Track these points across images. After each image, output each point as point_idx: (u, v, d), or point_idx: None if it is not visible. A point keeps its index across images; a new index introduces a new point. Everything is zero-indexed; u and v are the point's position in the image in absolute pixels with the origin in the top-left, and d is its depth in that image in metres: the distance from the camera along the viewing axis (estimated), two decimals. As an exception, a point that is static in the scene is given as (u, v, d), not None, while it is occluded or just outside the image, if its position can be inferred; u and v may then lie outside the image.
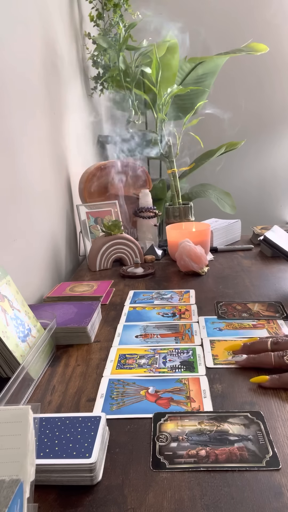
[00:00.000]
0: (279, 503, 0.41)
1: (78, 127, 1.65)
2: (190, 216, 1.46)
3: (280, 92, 2.47)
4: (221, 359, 0.70)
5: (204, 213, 1.88)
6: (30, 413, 0.40)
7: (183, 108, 1.97)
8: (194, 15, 2.32)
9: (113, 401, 0.60)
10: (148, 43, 1.66)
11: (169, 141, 1.47)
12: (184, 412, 0.56)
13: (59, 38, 1.42)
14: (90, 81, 1.87)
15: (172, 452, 0.49)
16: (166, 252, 1.38)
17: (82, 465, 0.44)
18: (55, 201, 1.27)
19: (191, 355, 0.71)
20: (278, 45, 2.33)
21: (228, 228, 1.48)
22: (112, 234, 1.26)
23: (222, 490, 0.43)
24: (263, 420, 0.53)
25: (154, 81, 1.53)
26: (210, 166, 2.22)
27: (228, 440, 0.50)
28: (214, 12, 2.34)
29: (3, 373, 0.64)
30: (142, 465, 0.48)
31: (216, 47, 2.10)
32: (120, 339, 0.80)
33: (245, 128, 2.51)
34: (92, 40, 1.74)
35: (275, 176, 2.62)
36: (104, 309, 0.96)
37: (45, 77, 1.23)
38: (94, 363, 0.72)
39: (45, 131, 1.21)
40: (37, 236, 1.10)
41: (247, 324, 0.82)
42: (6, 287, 0.70)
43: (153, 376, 0.66)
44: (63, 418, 0.52)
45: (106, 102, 2.23)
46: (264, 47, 1.87)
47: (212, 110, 2.05)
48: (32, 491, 0.37)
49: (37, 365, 0.68)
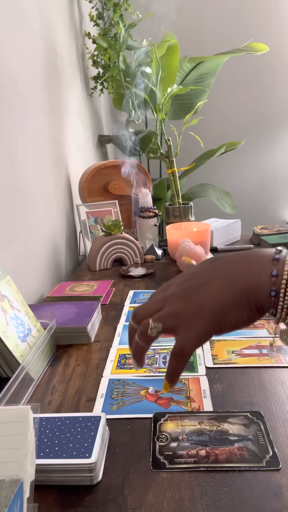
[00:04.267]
0: (279, 503, 0.41)
1: (78, 127, 1.65)
2: (190, 216, 1.46)
3: (280, 92, 2.47)
4: (221, 359, 0.70)
5: (204, 213, 1.88)
6: (30, 413, 0.40)
7: (183, 108, 1.97)
8: (195, 15, 2.32)
9: (113, 401, 0.60)
10: (148, 43, 1.66)
11: (169, 140, 1.47)
12: (184, 412, 0.56)
13: (59, 38, 1.42)
14: (90, 81, 1.87)
15: (172, 452, 0.49)
16: (166, 252, 1.38)
17: (82, 465, 0.44)
18: (55, 201, 1.27)
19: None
20: (278, 45, 2.33)
21: (228, 228, 1.48)
22: (112, 234, 1.26)
23: (222, 490, 0.43)
24: (263, 420, 0.53)
25: (154, 81, 1.53)
26: (210, 166, 2.22)
27: (228, 440, 0.50)
28: (214, 12, 2.33)
29: (3, 373, 0.64)
30: (142, 465, 0.48)
31: (216, 47, 2.10)
32: (120, 339, 0.80)
33: (245, 128, 2.51)
34: (92, 40, 1.73)
35: (275, 176, 2.62)
36: (104, 309, 0.96)
37: (45, 77, 1.23)
38: (94, 363, 0.72)
39: (45, 131, 1.21)
40: (37, 236, 1.10)
41: (247, 324, 0.82)
42: (6, 287, 0.70)
43: (153, 376, 0.66)
44: (63, 418, 0.52)
45: (106, 102, 2.24)
46: (264, 47, 1.87)
47: (212, 109, 2.05)
48: (32, 491, 0.37)
49: (37, 365, 0.67)
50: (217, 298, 0.38)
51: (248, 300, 0.38)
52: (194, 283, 0.40)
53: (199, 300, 0.39)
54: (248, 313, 0.38)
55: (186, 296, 0.40)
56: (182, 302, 0.40)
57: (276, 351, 0.72)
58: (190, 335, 0.39)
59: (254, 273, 0.38)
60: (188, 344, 0.39)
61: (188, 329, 0.39)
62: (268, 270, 0.37)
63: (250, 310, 0.38)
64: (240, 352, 0.72)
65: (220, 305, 0.38)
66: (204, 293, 0.39)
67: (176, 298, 0.41)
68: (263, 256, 0.38)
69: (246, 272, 0.38)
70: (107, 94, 1.99)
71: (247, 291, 0.38)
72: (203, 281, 0.40)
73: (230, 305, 0.38)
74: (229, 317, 0.38)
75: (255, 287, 0.37)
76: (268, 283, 0.37)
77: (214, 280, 0.39)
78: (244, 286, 0.38)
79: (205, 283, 0.40)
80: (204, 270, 0.41)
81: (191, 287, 0.40)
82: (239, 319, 0.39)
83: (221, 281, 0.39)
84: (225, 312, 0.38)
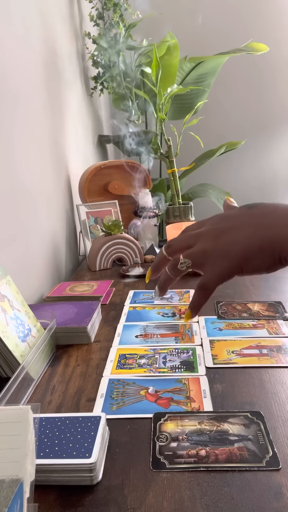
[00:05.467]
0: (279, 503, 0.41)
1: (78, 127, 1.65)
2: (190, 216, 1.46)
3: (280, 92, 2.47)
4: (221, 359, 0.70)
5: (204, 213, 1.88)
6: (30, 413, 0.40)
7: (183, 108, 1.97)
8: (195, 15, 2.32)
9: (113, 401, 0.60)
10: (148, 43, 1.66)
11: (169, 140, 1.47)
12: (184, 412, 0.56)
13: (59, 38, 1.42)
14: (90, 81, 1.87)
15: (172, 452, 0.49)
16: (166, 252, 1.38)
17: (82, 465, 0.44)
18: (55, 201, 1.27)
19: (191, 355, 0.71)
20: (278, 45, 2.33)
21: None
22: (112, 234, 1.26)
23: (222, 490, 0.43)
24: (263, 420, 0.53)
25: (154, 81, 1.53)
26: (210, 166, 2.22)
27: (228, 440, 0.50)
28: (214, 12, 2.33)
29: (3, 373, 0.64)
30: (142, 465, 0.48)
31: (216, 47, 2.10)
32: (120, 339, 0.80)
33: (245, 128, 2.51)
34: (92, 40, 1.73)
35: (275, 176, 2.62)
36: (104, 309, 0.96)
37: (45, 77, 1.23)
38: (94, 363, 0.72)
39: (45, 131, 1.21)
40: (37, 236, 1.10)
41: (247, 324, 0.82)
42: (6, 287, 0.70)
43: (153, 376, 0.66)
44: (63, 418, 0.51)
45: (106, 102, 2.24)
46: (264, 46, 1.87)
47: (212, 109, 2.05)
48: (32, 491, 0.37)
49: (37, 365, 0.67)
50: (245, 243, 0.41)
51: (273, 250, 0.40)
52: (227, 225, 0.43)
53: (228, 242, 0.42)
54: (271, 262, 0.41)
55: (217, 236, 0.43)
56: (212, 241, 0.43)
57: (276, 351, 0.72)
58: (214, 273, 0.42)
59: (283, 226, 0.40)
60: (212, 280, 0.43)
61: (214, 267, 0.42)
62: None
63: (274, 260, 0.40)
64: (240, 352, 0.72)
65: (246, 250, 0.41)
66: (234, 236, 0.42)
67: (208, 237, 0.43)
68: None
69: (276, 224, 0.41)
70: (107, 94, 1.99)
71: (274, 242, 0.40)
72: (235, 225, 0.42)
73: (255, 252, 0.40)
74: (252, 262, 0.41)
75: (281, 239, 0.39)
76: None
77: (246, 226, 0.42)
78: (272, 237, 0.40)
79: (237, 227, 0.42)
80: (239, 214, 0.44)
81: (223, 229, 0.43)
82: (261, 266, 0.41)
83: (252, 228, 0.41)
84: (250, 258, 0.41)
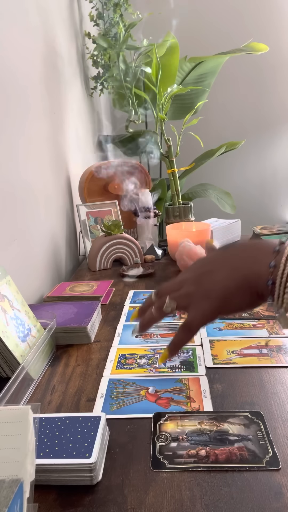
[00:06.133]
0: (279, 503, 0.41)
1: (78, 127, 1.65)
2: (190, 216, 1.46)
3: (280, 92, 2.46)
4: (221, 359, 0.70)
5: (204, 213, 1.88)
6: (30, 413, 0.40)
7: (183, 108, 1.97)
8: (195, 15, 2.32)
9: (113, 401, 0.60)
10: (148, 43, 1.65)
11: (169, 140, 1.47)
12: (184, 412, 0.56)
13: (59, 37, 1.42)
14: (90, 81, 1.87)
15: (172, 452, 0.49)
16: (166, 252, 1.38)
17: (82, 465, 0.44)
18: (55, 201, 1.27)
19: (191, 355, 0.71)
20: (278, 45, 2.33)
21: (228, 228, 1.48)
22: (112, 234, 1.26)
23: (222, 490, 0.43)
24: (263, 420, 0.53)
25: (154, 81, 1.53)
26: (210, 166, 2.22)
27: (228, 440, 0.50)
28: (214, 12, 2.33)
29: (3, 373, 0.64)
30: (142, 465, 0.48)
31: (216, 47, 2.10)
32: (120, 339, 0.80)
33: (245, 128, 2.51)
34: (92, 39, 1.73)
35: (275, 176, 2.62)
36: (104, 309, 0.96)
37: (45, 76, 1.23)
38: (94, 363, 0.72)
39: (45, 131, 1.21)
40: (37, 236, 1.10)
41: (247, 324, 0.82)
42: (6, 287, 0.70)
43: (153, 376, 0.66)
44: (63, 418, 0.52)
45: (106, 102, 2.24)
46: (264, 46, 1.87)
47: (212, 109, 2.05)
48: (32, 491, 0.37)
49: (37, 365, 0.67)
50: (223, 284, 0.44)
51: (249, 287, 0.42)
52: (206, 269, 0.46)
53: (208, 285, 0.45)
54: (250, 299, 0.43)
55: (198, 281, 0.46)
56: (194, 286, 0.46)
57: (276, 351, 0.72)
58: (198, 314, 0.45)
59: (256, 263, 0.42)
60: (196, 320, 0.45)
61: (197, 308, 0.45)
62: (268, 260, 0.41)
63: (251, 296, 0.43)
64: (240, 352, 0.72)
65: (225, 290, 0.43)
66: (213, 279, 0.45)
67: (191, 281, 0.47)
68: (267, 247, 0.43)
69: (250, 262, 0.43)
70: (107, 94, 1.99)
71: (249, 280, 0.42)
72: (213, 268, 0.45)
73: (233, 291, 0.43)
74: (232, 301, 0.44)
75: (256, 276, 0.42)
76: (266, 273, 0.41)
77: (222, 268, 0.45)
78: (246, 275, 0.42)
79: (215, 270, 0.45)
80: (215, 258, 0.47)
81: (203, 273, 0.46)
82: (241, 303, 0.44)
83: (228, 269, 0.44)
84: (229, 297, 0.43)
